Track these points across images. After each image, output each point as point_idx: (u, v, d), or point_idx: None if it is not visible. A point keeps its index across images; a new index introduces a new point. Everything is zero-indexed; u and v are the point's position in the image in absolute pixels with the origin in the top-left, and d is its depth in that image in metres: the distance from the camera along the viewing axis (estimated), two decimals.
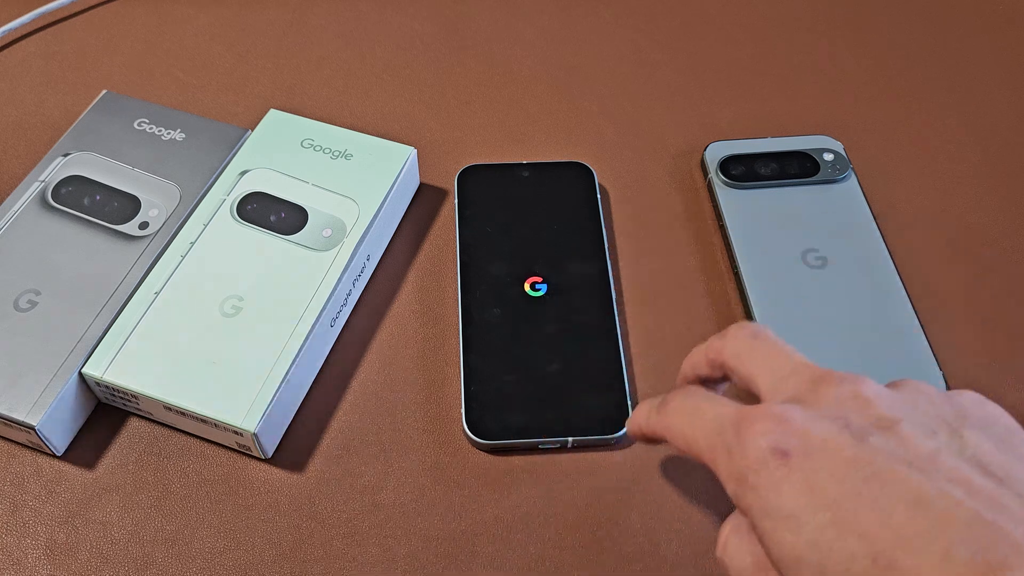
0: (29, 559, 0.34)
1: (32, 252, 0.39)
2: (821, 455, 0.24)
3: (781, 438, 0.25)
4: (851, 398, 0.26)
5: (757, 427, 0.25)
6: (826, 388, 0.26)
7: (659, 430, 0.30)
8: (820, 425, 0.25)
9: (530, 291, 0.41)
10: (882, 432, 0.25)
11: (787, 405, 0.26)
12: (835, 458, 0.24)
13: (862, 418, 0.25)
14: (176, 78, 0.51)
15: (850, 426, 0.25)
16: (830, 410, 0.26)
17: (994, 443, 0.25)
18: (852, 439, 0.24)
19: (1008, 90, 0.52)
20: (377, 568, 0.34)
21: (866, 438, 0.24)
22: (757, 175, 0.45)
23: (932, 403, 0.26)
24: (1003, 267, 0.44)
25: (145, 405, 0.36)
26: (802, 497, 0.24)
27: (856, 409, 0.25)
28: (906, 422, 0.25)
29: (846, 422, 0.25)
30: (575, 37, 0.54)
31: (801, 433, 0.25)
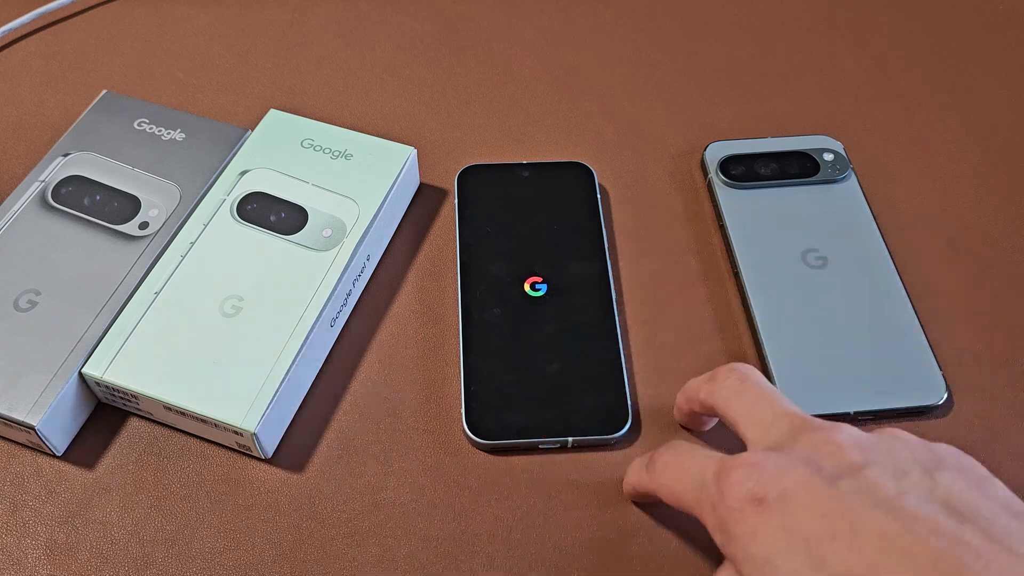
0: (29, 559, 0.34)
1: (32, 252, 0.39)
2: (794, 499, 0.25)
3: (756, 486, 0.26)
4: (824, 443, 0.27)
5: (733, 477, 0.27)
6: (803, 435, 0.28)
7: (651, 488, 0.32)
8: (793, 471, 0.26)
9: (530, 291, 0.41)
10: (851, 476, 0.26)
11: (763, 453, 0.27)
12: (808, 501, 0.25)
13: (832, 463, 0.26)
14: (176, 78, 0.51)
15: (822, 471, 0.26)
16: (803, 455, 0.27)
17: (965, 483, 0.26)
18: (823, 483, 0.26)
19: (1008, 90, 0.52)
20: (377, 568, 0.34)
21: (836, 481, 0.26)
22: (757, 175, 0.45)
23: (908, 449, 0.27)
24: (1003, 267, 0.44)
25: (145, 405, 0.36)
26: (778, 541, 0.25)
27: (828, 454, 0.27)
28: (873, 467, 0.26)
29: (818, 467, 0.26)
30: (575, 37, 0.54)
31: (775, 479, 0.26)
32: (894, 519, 0.24)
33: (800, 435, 0.28)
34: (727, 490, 0.27)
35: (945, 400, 0.38)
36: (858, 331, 0.39)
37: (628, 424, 0.37)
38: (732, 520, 0.26)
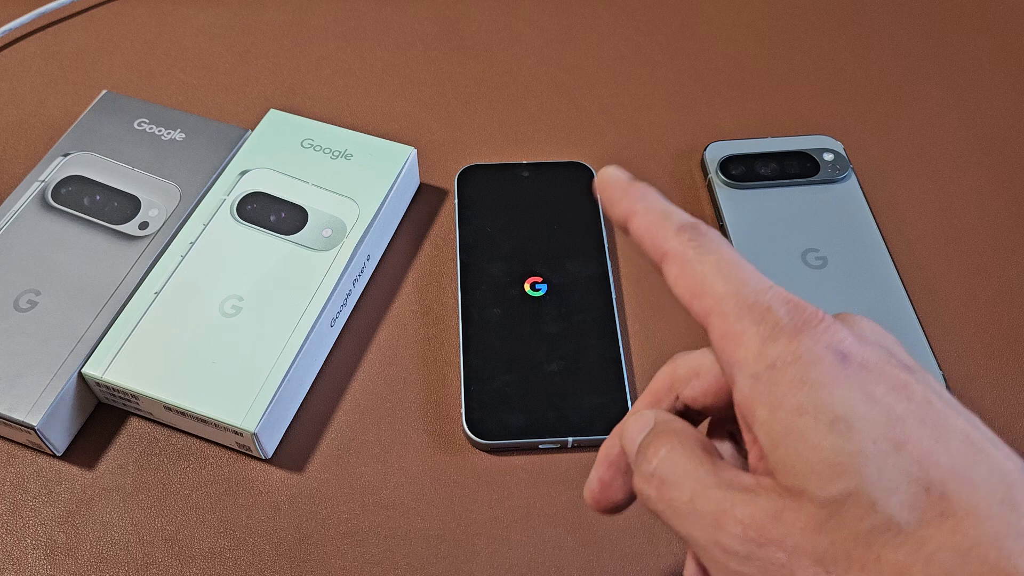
0: (29, 559, 0.34)
1: (32, 252, 0.39)
2: (878, 371, 0.22)
3: (840, 343, 0.22)
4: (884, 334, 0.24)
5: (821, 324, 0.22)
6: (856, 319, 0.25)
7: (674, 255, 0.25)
8: (870, 346, 0.23)
9: (530, 291, 0.41)
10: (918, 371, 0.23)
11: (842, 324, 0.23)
12: (892, 378, 0.22)
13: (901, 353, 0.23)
14: (176, 78, 0.51)
15: (894, 356, 0.23)
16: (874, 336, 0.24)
17: None
18: (900, 368, 0.22)
19: (1008, 90, 0.52)
20: (377, 568, 0.34)
21: (912, 371, 0.22)
22: (757, 175, 0.45)
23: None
24: (1003, 267, 0.44)
25: (145, 405, 0.36)
26: (860, 404, 0.21)
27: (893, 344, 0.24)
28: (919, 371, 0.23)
29: (891, 352, 0.23)
30: (575, 37, 0.54)
31: (858, 343, 0.22)
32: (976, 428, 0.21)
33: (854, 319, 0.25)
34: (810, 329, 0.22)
35: None
36: None
37: None
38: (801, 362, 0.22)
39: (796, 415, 0.21)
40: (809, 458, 0.21)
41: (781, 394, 0.22)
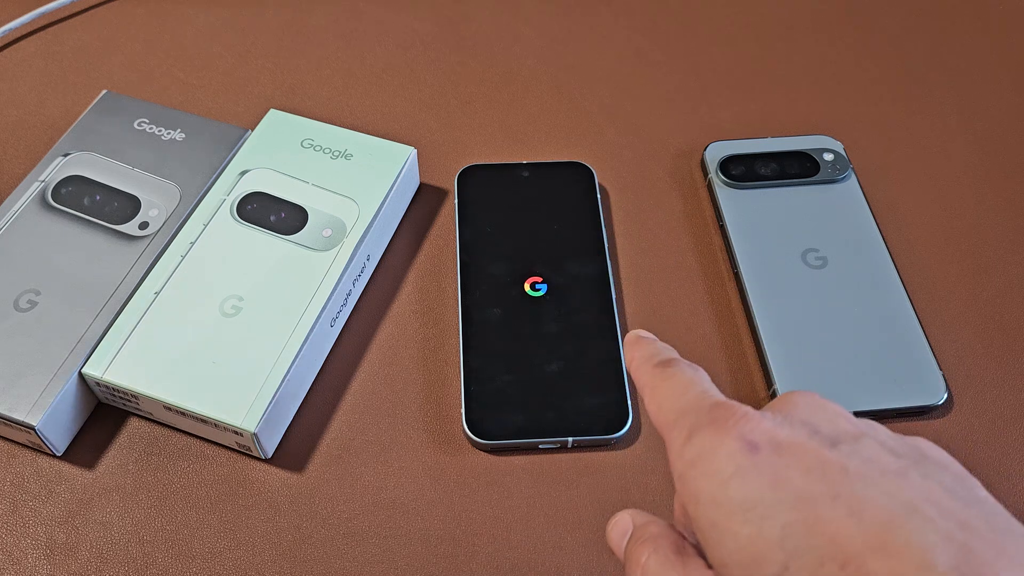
0: (29, 559, 0.34)
1: (32, 252, 0.39)
2: (791, 453, 0.23)
3: (753, 432, 0.24)
4: (819, 408, 0.26)
5: (731, 418, 0.24)
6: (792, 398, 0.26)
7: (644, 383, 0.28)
8: (790, 428, 0.24)
9: (530, 291, 0.41)
10: (851, 442, 0.24)
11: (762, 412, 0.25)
12: (807, 458, 0.23)
13: (831, 427, 0.25)
14: (176, 78, 0.51)
15: (820, 432, 0.24)
16: (801, 416, 0.25)
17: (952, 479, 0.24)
18: (823, 443, 0.24)
19: (1008, 90, 0.52)
20: (377, 568, 0.34)
21: (838, 444, 0.24)
22: (757, 175, 0.45)
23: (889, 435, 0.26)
24: (1003, 267, 0.44)
25: (145, 405, 0.36)
26: (769, 491, 0.22)
27: (825, 420, 0.25)
28: (868, 439, 0.24)
29: (816, 429, 0.24)
30: (575, 37, 0.54)
31: (773, 430, 0.24)
32: (898, 491, 0.22)
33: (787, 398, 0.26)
34: (721, 425, 0.24)
35: (945, 400, 0.38)
36: (858, 331, 0.39)
37: (628, 424, 0.37)
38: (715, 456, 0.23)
39: (713, 508, 0.23)
40: (732, 549, 0.22)
41: (699, 489, 0.23)
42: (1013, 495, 0.36)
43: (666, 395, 0.27)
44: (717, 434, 0.24)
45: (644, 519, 0.27)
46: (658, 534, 0.26)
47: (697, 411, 0.25)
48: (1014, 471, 0.37)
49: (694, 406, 0.26)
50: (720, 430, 0.24)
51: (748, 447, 0.23)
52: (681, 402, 0.26)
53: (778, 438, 0.24)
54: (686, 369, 0.28)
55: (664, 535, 0.26)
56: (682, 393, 0.27)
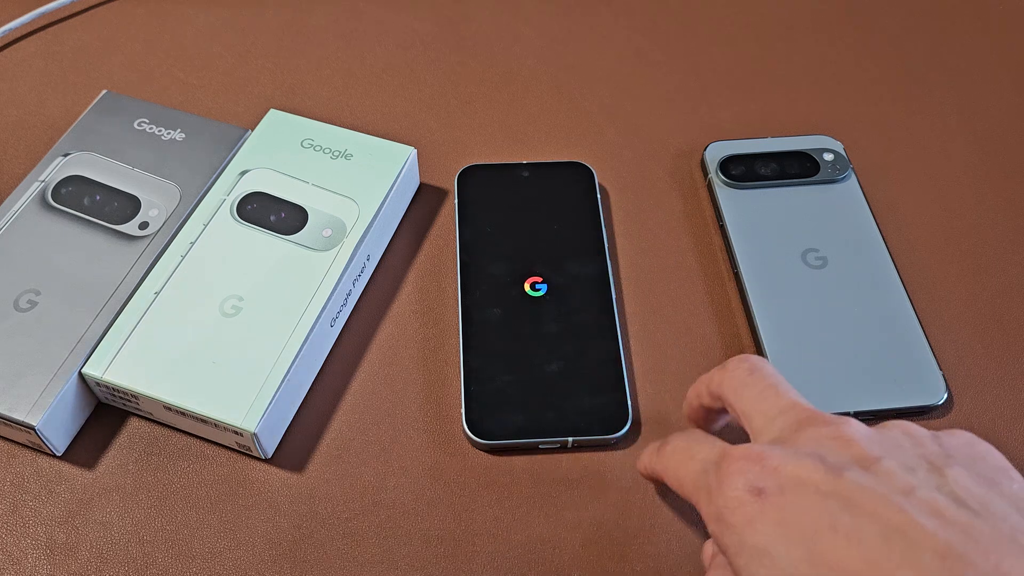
0: (29, 559, 0.34)
1: (32, 252, 0.39)
2: (795, 491, 0.25)
3: (756, 477, 0.26)
4: (831, 438, 0.27)
5: (734, 466, 0.26)
6: (809, 429, 0.27)
7: (657, 471, 0.32)
8: (796, 462, 0.26)
9: (530, 291, 0.41)
10: (861, 468, 0.25)
11: (766, 445, 0.27)
12: (809, 493, 0.25)
13: (840, 456, 0.26)
14: (176, 78, 0.51)
15: (826, 462, 0.25)
16: (808, 448, 0.26)
17: (975, 478, 0.25)
18: (827, 474, 0.25)
19: (1008, 90, 0.52)
20: (377, 568, 0.34)
21: (842, 472, 0.25)
22: (757, 175, 0.45)
23: (918, 443, 0.27)
24: (1003, 267, 0.44)
25: (145, 405, 0.36)
26: (776, 533, 0.24)
27: (835, 448, 0.26)
28: (885, 459, 0.25)
29: (822, 458, 0.26)
30: (575, 37, 0.54)
31: (776, 470, 0.26)
32: (898, 511, 0.23)
33: (806, 428, 0.27)
34: (726, 478, 0.26)
35: (945, 400, 0.38)
36: (858, 331, 0.39)
37: (628, 424, 0.37)
38: (729, 509, 0.26)
39: (736, 557, 0.25)
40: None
41: (726, 544, 0.26)
42: None
43: (677, 469, 0.30)
44: (726, 486, 0.26)
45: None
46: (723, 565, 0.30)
47: (707, 471, 0.28)
48: None
49: (703, 467, 0.28)
50: (728, 481, 0.26)
51: (754, 494, 0.25)
52: (693, 468, 0.29)
53: (781, 478, 0.25)
54: (679, 438, 0.31)
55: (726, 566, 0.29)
56: (689, 460, 0.29)
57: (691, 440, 0.30)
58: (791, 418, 0.29)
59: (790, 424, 0.28)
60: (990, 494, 0.25)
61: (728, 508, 0.26)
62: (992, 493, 0.25)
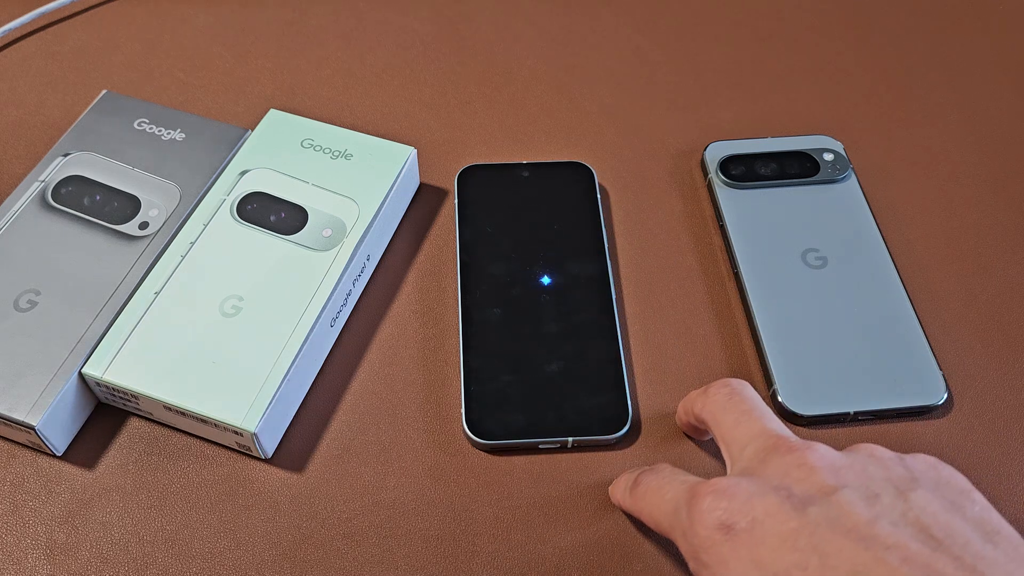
0: (29, 559, 0.34)
1: (32, 252, 0.39)
2: (763, 528, 0.25)
3: (725, 514, 0.26)
4: (796, 467, 0.27)
5: (704, 504, 0.27)
6: (776, 458, 0.28)
7: (634, 511, 0.32)
8: (762, 499, 0.26)
9: (530, 291, 0.41)
10: (822, 501, 0.26)
11: (734, 479, 0.27)
12: (777, 530, 0.25)
13: (804, 487, 0.26)
14: (176, 78, 0.51)
15: (792, 497, 0.26)
16: (774, 480, 0.27)
17: (940, 503, 0.26)
18: (793, 510, 0.25)
19: (1008, 90, 0.52)
20: (377, 568, 0.34)
21: (806, 508, 0.25)
22: (757, 175, 0.45)
23: (883, 466, 0.27)
24: (1003, 267, 0.44)
25: (145, 405, 0.36)
26: (748, 572, 0.25)
27: (799, 478, 0.27)
28: (844, 490, 0.26)
29: (788, 493, 0.26)
30: (575, 37, 0.54)
31: (744, 507, 0.26)
32: (864, 548, 0.24)
33: (772, 457, 0.28)
34: (697, 517, 0.27)
35: (945, 400, 0.38)
36: (858, 331, 0.39)
37: (628, 424, 0.37)
38: (703, 548, 0.26)
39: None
40: None
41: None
42: (1013, 496, 0.36)
43: (652, 511, 0.30)
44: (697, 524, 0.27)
45: None
46: None
47: (679, 511, 0.28)
48: (1014, 471, 0.37)
49: (673, 506, 0.29)
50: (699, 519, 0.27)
51: (723, 532, 0.26)
52: (665, 509, 0.29)
53: (749, 515, 0.26)
54: (650, 477, 0.31)
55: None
56: (661, 501, 0.30)
57: (661, 479, 0.31)
58: (759, 445, 0.29)
59: (758, 452, 0.29)
60: (954, 520, 0.25)
61: (702, 548, 0.26)
62: (956, 518, 0.25)
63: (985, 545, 0.24)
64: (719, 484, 0.27)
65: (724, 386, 0.32)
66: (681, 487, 0.29)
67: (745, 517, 0.26)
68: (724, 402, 0.32)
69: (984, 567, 0.24)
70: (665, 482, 0.30)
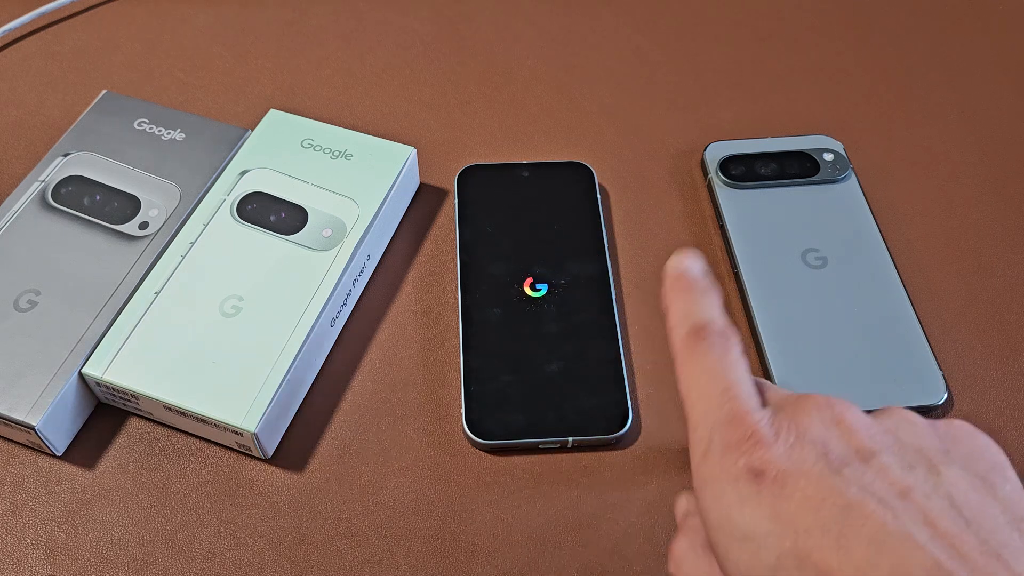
0: (29, 559, 0.34)
1: (32, 252, 0.39)
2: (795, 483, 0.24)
3: (759, 459, 0.24)
4: (835, 423, 0.26)
5: (739, 441, 0.25)
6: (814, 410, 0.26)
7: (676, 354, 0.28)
8: (800, 451, 0.25)
9: (530, 291, 0.41)
10: (860, 463, 0.24)
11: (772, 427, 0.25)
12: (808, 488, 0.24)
13: (842, 447, 0.25)
14: (176, 78, 0.51)
15: (829, 455, 0.25)
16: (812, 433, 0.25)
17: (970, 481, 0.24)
18: (828, 469, 0.24)
19: (1008, 90, 0.52)
20: (377, 568, 0.34)
21: (842, 469, 0.24)
22: (757, 175, 0.45)
23: (916, 434, 0.26)
24: (1003, 267, 0.44)
25: (145, 405, 0.36)
26: (766, 521, 0.24)
27: (838, 436, 0.25)
28: (884, 454, 0.25)
29: (826, 450, 0.25)
30: (575, 37, 0.54)
31: (780, 457, 0.24)
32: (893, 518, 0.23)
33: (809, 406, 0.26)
34: (728, 450, 0.25)
35: (945, 400, 0.38)
36: (858, 331, 0.39)
37: (628, 424, 0.37)
38: (722, 480, 0.24)
39: (716, 531, 0.25)
40: (730, 570, 0.24)
41: (707, 509, 0.25)
42: None
43: (693, 382, 0.27)
44: (727, 460, 0.25)
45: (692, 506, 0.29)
46: (695, 527, 0.28)
47: (715, 423, 0.26)
48: None
49: (714, 413, 0.26)
50: (730, 457, 0.25)
51: (753, 476, 0.24)
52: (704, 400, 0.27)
53: (784, 467, 0.24)
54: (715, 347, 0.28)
55: (698, 528, 0.28)
56: (707, 386, 0.27)
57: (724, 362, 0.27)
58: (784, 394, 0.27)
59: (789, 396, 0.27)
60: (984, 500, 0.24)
61: (721, 479, 0.25)
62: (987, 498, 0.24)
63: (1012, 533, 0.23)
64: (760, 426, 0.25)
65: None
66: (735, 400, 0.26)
67: (778, 467, 0.24)
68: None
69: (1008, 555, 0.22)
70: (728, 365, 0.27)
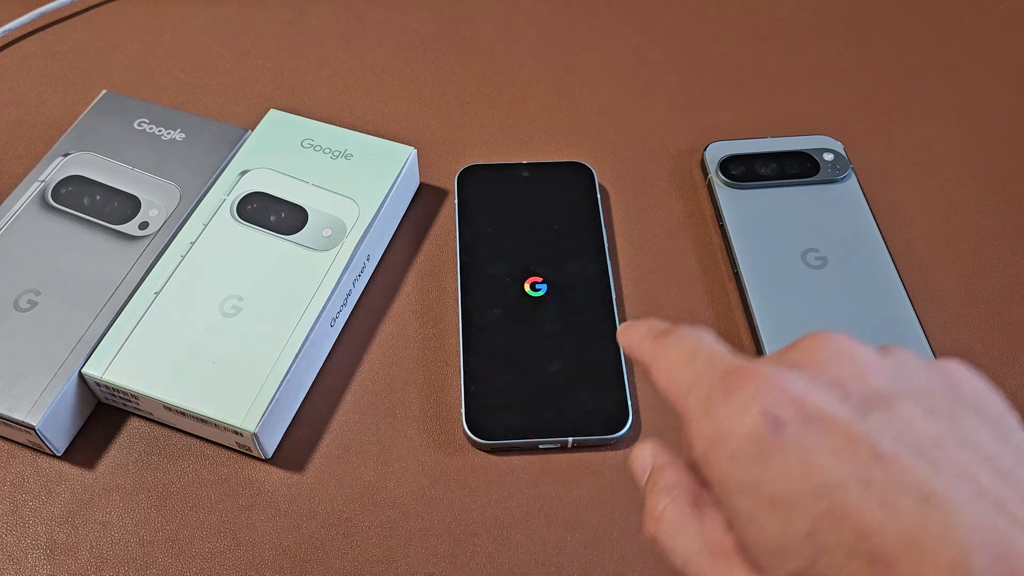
0: (29, 559, 0.34)
1: (32, 252, 0.39)
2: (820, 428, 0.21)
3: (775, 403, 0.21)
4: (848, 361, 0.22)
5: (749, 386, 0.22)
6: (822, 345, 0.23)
7: (647, 358, 0.26)
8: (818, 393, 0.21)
9: (530, 291, 0.41)
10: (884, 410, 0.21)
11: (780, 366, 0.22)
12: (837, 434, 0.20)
13: (860, 388, 0.22)
14: (176, 78, 0.51)
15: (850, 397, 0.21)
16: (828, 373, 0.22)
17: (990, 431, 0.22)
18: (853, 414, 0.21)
19: (1008, 90, 0.52)
20: (377, 568, 0.34)
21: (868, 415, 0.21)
22: (757, 175, 0.45)
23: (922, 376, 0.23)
24: (1003, 267, 0.44)
25: (145, 405, 0.36)
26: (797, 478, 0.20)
27: (854, 376, 0.22)
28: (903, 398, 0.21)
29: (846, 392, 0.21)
30: (575, 37, 0.54)
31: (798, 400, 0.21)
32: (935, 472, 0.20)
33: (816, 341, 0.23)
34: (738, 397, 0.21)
35: None
36: (858, 331, 0.39)
37: (628, 424, 0.37)
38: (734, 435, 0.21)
39: (738, 495, 0.21)
40: (758, 539, 0.21)
41: (723, 473, 0.21)
42: None
43: (673, 364, 0.24)
44: (737, 407, 0.21)
45: (663, 459, 0.25)
46: (675, 483, 0.24)
47: (710, 378, 0.23)
48: None
49: (706, 372, 0.23)
50: (740, 402, 0.21)
51: (772, 423, 0.21)
52: (691, 369, 0.24)
53: (805, 408, 0.21)
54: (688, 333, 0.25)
55: (681, 484, 0.24)
56: (690, 359, 0.24)
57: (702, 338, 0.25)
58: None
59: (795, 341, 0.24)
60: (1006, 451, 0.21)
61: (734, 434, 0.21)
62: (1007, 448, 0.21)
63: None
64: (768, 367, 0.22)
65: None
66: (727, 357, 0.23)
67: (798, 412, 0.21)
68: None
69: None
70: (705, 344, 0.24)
